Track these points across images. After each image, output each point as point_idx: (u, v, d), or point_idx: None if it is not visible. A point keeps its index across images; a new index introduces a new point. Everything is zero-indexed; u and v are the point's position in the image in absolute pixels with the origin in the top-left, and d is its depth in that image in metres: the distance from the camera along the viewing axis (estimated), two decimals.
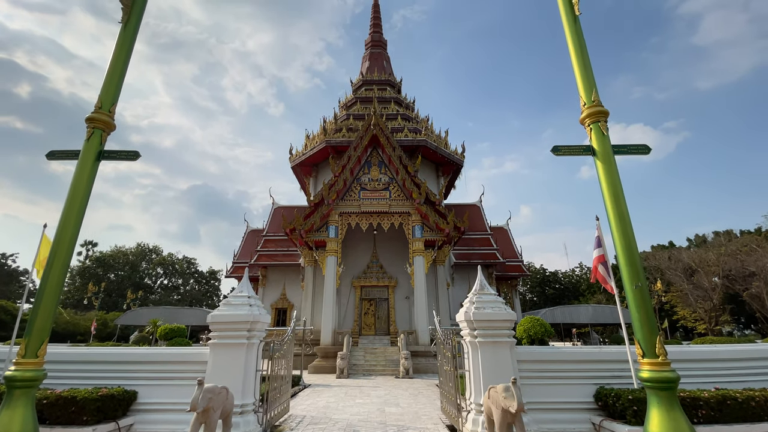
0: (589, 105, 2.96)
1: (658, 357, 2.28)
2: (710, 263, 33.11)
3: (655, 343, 2.29)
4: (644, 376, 2.33)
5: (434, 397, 9.35)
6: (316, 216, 18.85)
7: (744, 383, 5.31)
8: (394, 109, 25.69)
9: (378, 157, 20.34)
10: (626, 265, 2.53)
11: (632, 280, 2.47)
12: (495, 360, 5.46)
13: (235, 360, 5.60)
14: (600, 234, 6.03)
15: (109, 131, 3.22)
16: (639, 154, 2.94)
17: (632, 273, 2.49)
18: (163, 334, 9.87)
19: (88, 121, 3.17)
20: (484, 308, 5.72)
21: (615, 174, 2.67)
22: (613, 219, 2.63)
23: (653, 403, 2.27)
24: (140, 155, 3.26)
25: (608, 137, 2.86)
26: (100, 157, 3.15)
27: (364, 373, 15.35)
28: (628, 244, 2.53)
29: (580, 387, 5.66)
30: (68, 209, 2.90)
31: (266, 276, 24.99)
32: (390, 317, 20.39)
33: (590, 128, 2.92)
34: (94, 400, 4.81)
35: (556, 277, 57.59)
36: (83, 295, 35.17)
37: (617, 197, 2.65)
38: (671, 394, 2.22)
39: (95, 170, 3.10)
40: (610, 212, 2.65)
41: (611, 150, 2.80)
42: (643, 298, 2.43)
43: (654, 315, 2.40)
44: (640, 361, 2.41)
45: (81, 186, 2.98)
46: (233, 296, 6.14)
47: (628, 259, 2.51)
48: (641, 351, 2.35)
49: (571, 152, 2.95)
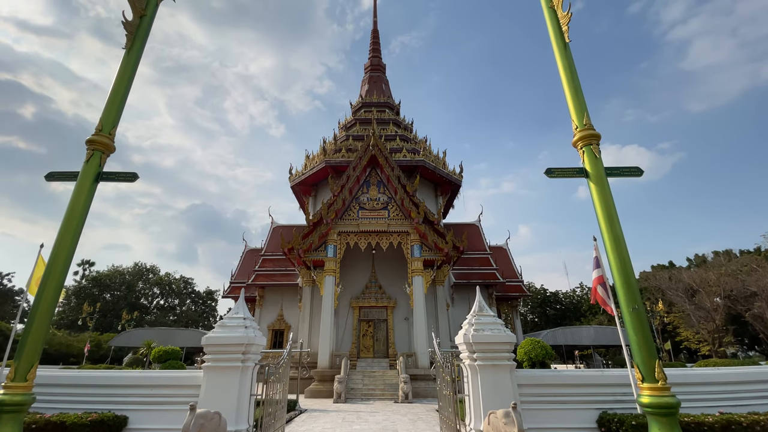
0: (581, 128, 3.02)
1: (658, 381, 2.24)
2: (711, 283, 32.90)
3: (654, 367, 2.26)
4: (644, 401, 2.28)
5: (434, 422, 9.08)
6: (315, 235, 18.83)
7: (748, 407, 5.18)
8: (393, 130, 26.10)
9: (377, 176, 20.52)
10: (622, 287, 2.52)
11: (629, 302, 2.45)
12: (495, 384, 5.35)
13: (229, 384, 5.47)
14: (598, 255, 6.02)
15: (109, 153, 3.27)
16: (631, 176, 2.97)
17: (629, 295, 2.47)
18: (156, 356, 9.66)
19: (89, 143, 3.22)
20: (483, 330, 5.64)
21: (608, 196, 2.70)
22: (608, 241, 2.64)
23: (654, 429, 2.22)
24: (138, 177, 3.30)
25: (600, 160, 2.91)
26: (98, 178, 3.18)
27: (362, 397, 14.96)
28: (623, 266, 2.53)
29: (583, 412, 5.52)
30: (64, 230, 2.90)
31: (263, 296, 24.71)
32: (389, 339, 20.05)
33: (583, 151, 2.97)
34: (83, 425, 4.68)
35: (556, 298, 57.03)
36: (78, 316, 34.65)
37: (611, 219, 2.67)
38: (672, 420, 2.17)
39: (93, 191, 3.13)
40: (605, 234, 2.66)
41: (604, 172, 2.84)
42: (640, 320, 2.41)
43: (652, 338, 2.37)
44: (639, 386, 2.36)
45: (78, 207, 3.00)
46: (228, 318, 6.05)
47: (624, 281, 2.51)
48: (641, 375, 2.31)
49: (565, 174, 2.98)
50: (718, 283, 32.28)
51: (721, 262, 36.35)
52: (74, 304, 46.03)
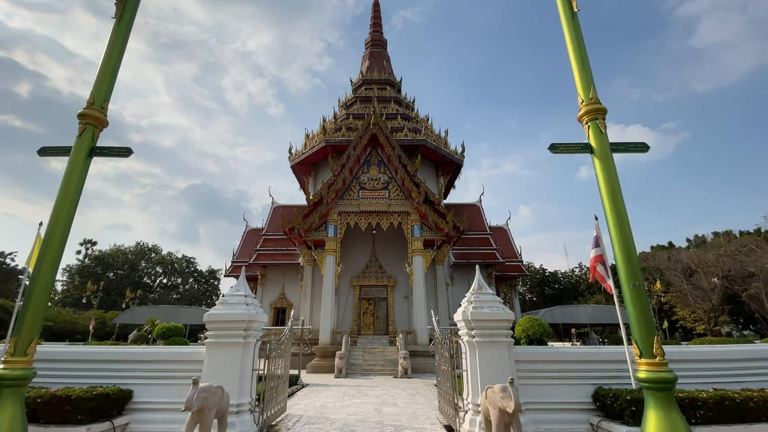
0: (587, 102, 2.92)
1: (656, 357, 2.25)
2: (709, 264, 33.10)
3: (652, 344, 2.26)
4: (641, 377, 2.30)
5: (432, 397, 9.32)
6: (315, 215, 18.82)
7: (742, 384, 5.28)
8: (394, 109, 25.66)
9: (377, 156, 20.31)
10: (624, 263, 2.49)
11: (630, 279, 2.43)
12: (492, 360, 5.43)
13: (232, 359, 5.56)
14: (598, 233, 6.00)
15: (102, 128, 3.18)
16: (637, 152, 2.89)
17: (630, 272, 2.45)
18: (160, 333, 9.83)
19: (80, 117, 3.13)
20: (482, 308, 5.69)
21: (613, 172, 2.63)
22: (611, 217, 2.59)
23: (650, 403, 2.24)
24: (132, 152, 3.23)
25: (606, 135, 2.82)
26: (92, 153, 3.11)
27: (362, 372, 15.32)
28: (625, 243, 2.50)
29: (578, 387, 5.63)
30: (59, 206, 2.86)
31: (265, 275, 24.96)
32: (389, 317, 20.36)
33: (588, 126, 2.88)
34: (88, 399, 4.78)
35: (555, 278, 57.60)
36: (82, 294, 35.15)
37: (615, 195, 2.61)
38: (668, 395, 2.19)
39: (87, 167, 3.06)
40: (608, 210, 2.61)
41: (609, 147, 2.76)
42: (640, 297, 2.40)
43: (651, 315, 2.36)
44: (637, 362, 2.38)
45: (72, 182, 2.94)
46: (230, 295, 6.10)
47: (625, 257, 2.48)
48: (639, 351, 2.32)
49: (569, 150, 2.91)
50: (717, 263, 32.47)
51: (720, 243, 36.44)
52: (78, 282, 46.63)
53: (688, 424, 2.14)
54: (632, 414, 4.74)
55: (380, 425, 6.32)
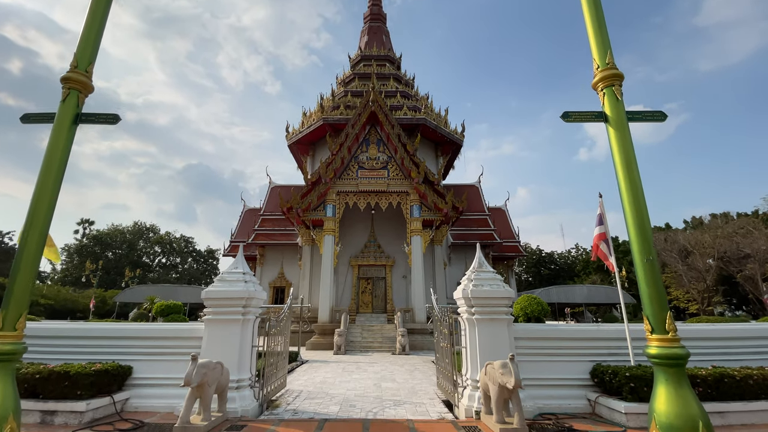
0: (602, 68, 2.75)
1: (668, 333, 2.18)
2: (706, 245, 33.32)
3: (665, 319, 2.19)
4: (652, 353, 2.23)
5: (430, 373, 9.44)
6: (314, 195, 18.66)
7: (741, 362, 5.31)
8: (393, 86, 25.07)
9: (376, 135, 19.98)
10: (637, 237, 2.39)
11: (643, 253, 2.34)
12: (492, 337, 5.43)
13: (231, 336, 5.54)
14: (602, 211, 5.90)
15: (87, 93, 2.99)
16: (654, 121, 2.75)
17: (643, 246, 2.35)
18: (159, 311, 9.84)
19: (63, 81, 2.94)
20: (482, 286, 5.64)
21: (628, 141, 2.50)
22: (625, 189, 2.47)
23: (661, 380, 2.19)
24: (120, 119, 3.05)
25: (622, 102, 2.66)
26: (77, 120, 2.94)
27: (361, 349, 15.54)
28: (639, 216, 2.39)
29: (577, 364, 5.66)
30: (44, 176, 2.71)
31: (264, 255, 24.98)
32: (387, 296, 20.52)
33: (603, 93, 2.72)
34: (87, 374, 4.76)
35: (551, 258, 58.11)
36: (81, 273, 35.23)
37: (630, 166, 2.49)
38: (680, 371, 2.14)
39: (72, 134, 2.89)
40: (622, 182, 2.49)
41: (625, 116, 2.61)
42: (653, 272, 2.31)
43: (664, 290, 2.29)
44: (648, 338, 2.31)
45: (57, 151, 2.79)
46: (227, 272, 6.03)
47: (639, 231, 2.38)
48: (650, 327, 2.25)
49: (582, 118, 2.75)
50: (713, 245, 32.68)
51: (718, 224, 36.58)
52: (77, 261, 46.70)
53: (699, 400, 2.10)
54: (631, 390, 4.78)
55: (379, 400, 6.39)
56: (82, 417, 4.57)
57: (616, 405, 4.79)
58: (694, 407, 2.00)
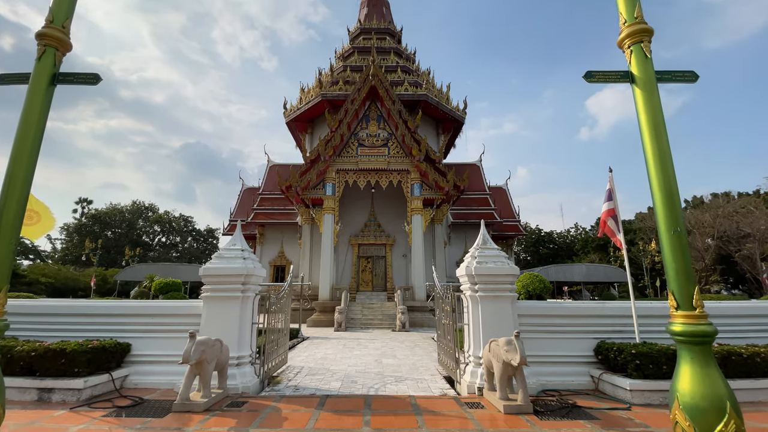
0: (630, 22, 2.49)
1: (695, 309, 2.05)
2: (705, 225, 33.29)
3: (692, 295, 2.05)
4: (677, 330, 2.10)
5: (430, 349, 9.48)
6: (313, 173, 18.37)
7: (747, 340, 5.25)
8: (394, 61, 24.32)
9: (377, 111, 19.49)
10: (664, 207, 2.21)
11: (670, 224, 2.17)
12: (496, 314, 5.35)
13: (230, 313, 5.45)
14: (612, 187, 5.71)
15: (65, 51, 2.74)
16: (685, 82, 2.53)
17: (671, 217, 2.18)
18: (158, 289, 9.78)
19: (39, 37, 2.67)
20: (486, 263, 5.52)
21: (657, 103, 2.29)
22: (651, 155, 2.28)
23: (685, 358, 2.07)
24: (101, 78, 2.80)
25: (651, 60, 2.43)
26: (54, 80, 2.69)
27: (361, 326, 15.66)
28: (667, 185, 2.21)
29: (581, 341, 5.61)
30: (20, 141, 2.50)
31: (263, 234, 24.90)
32: (387, 274, 20.57)
33: (630, 50, 2.47)
34: (83, 352, 4.68)
35: (550, 237, 58.27)
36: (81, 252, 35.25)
37: (658, 130, 2.28)
38: (706, 350, 2.02)
39: (50, 96, 2.66)
40: (649, 148, 2.29)
41: (654, 75, 2.39)
42: (681, 244, 2.15)
43: (691, 264, 2.15)
44: (672, 314, 2.17)
45: (34, 114, 2.56)
46: (226, 249, 5.88)
47: (667, 201, 2.20)
48: (675, 303, 2.11)
49: (606, 79, 2.52)
50: (713, 224, 32.65)
51: (719, 204, 36.43)
52: (77, 241, 46.70)
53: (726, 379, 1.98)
54: (636, 367, 4.72)
55: (381, 376, 6.38)
56: (80, 394, 4.52)
57: (620, 382, 4.75)
58: (722, 387, 1.89)
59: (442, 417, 4.14)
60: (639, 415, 4.18)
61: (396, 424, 3.90)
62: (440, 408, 4.48)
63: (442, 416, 4.17)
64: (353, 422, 3.94)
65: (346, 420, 4.01)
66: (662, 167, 2.25)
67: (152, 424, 3.82)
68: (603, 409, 4.41)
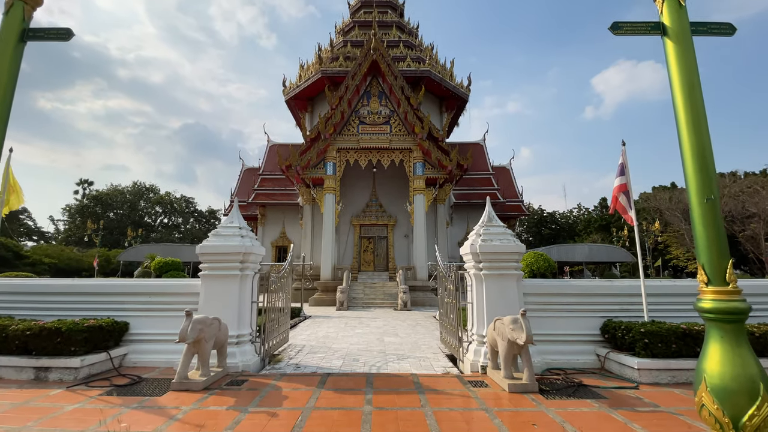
0: None
1: (728, 285, 1.87)
2: None
3: (725, 269, 1.87)
4: (706, 307, 1.93)
5: (432, 327, 9.45)
6: (313, 152, 18.04)
7: (758, 318, 5.12)
8: (396, 35, 23.53)
9: (378, 87, 18.96)
10: (697, 173, 2.00)
11: (703, 192, 1.96)
12: (501, 292, 5.21)
13: (229, 291, 5.34)
14: (625, 161, 5.46)
15: (34, 5, 2.48)
16: (721, 35, 2.27)
17: (704, 184, 1.97)
18: (157, 268, 9.72)
19: None
20: (491, 240, 5.34)
21: (691, 58, 2.05)
22: (684, 115, 2.05)
23: (715, 337, 1.90)
24: (73, 34, 2.55)
25: (686, 10, 2.17)
26: (24, 36, 2.45)
27: (363, 306, 15.70)
28: (701, 149, 1.99)
29: (587, 320, 5.49)
30: None
31: (265, 215, 24.75)
32: (389, 254, 20.53)
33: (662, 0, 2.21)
34: (80, 330, 4.59)
35: (553, 218, 58.06)
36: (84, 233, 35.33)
37: (692, 87, 2.04)
38: (739, 328, 1.86)
39: (20, 53, 2.42)
40: (681, 106, 2.05)
41: (689, 26, 2.13)
42: (714, 214, 1.95)
43: (725, 235, 1.96)
44: (702, 290, 1.99)
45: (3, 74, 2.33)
46: (223, 227, 5.72)
47: (700, 166, 1.98)
48: (705, 278, 1.93)
49: (635, 31, 2.26)
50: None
51: (725, 183, 35.88)
52: (79, 222, 46.81)
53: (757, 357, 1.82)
54: (644, 346, 4.61)
55: (383, 354, 6.32)
56: (77, 373, 4.45)
57: (628, 361, 4.64)
58: (754, 368, 1.73)
59: (445, 396, 4.06)
60: (647, 395, 4.09)
61: (398, 402, 3.82)
62: (443, 386, 4.40)
63: (445, 395, 4.09)
64: (355, 401, 3.85)
65: (348, 399, 3.93)
66: (696, 129, 2.02)
67: (149, 403, 3.75)
68: (610, 388, 4.31)
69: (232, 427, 3.18)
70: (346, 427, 3.18)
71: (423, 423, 3.28)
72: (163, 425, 3.20)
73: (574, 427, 3.22)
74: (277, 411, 3.57)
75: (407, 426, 3.22)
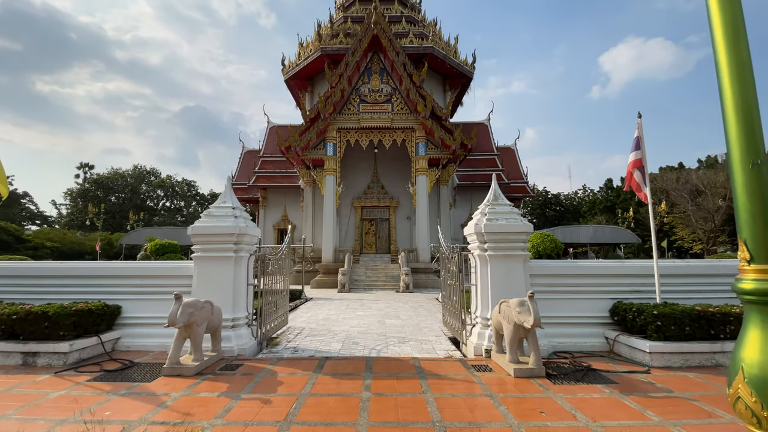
0: None
1: None
2: (718, 185, 32.32)
3: None
4: (748, 288, 1.68)
5: (434, 310, 9.32)
6: (313, 132, 17.61)
7: None
8: (398, 10, 22.63)
9: (379, 63, 18.34)
10: (741, 135, 1.72)
11: (748, 155, 1.69)
12: (506, 274, 4.99)
13: (223, 274, 5.15)
14: (640, 134, 5.12)
15: None
16: None
17: (749, 147, 1.69)
18: (154, 250, 9.57)
19: None
20: (497, 220, 5.08)
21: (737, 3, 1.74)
22: (727, 67, 1.74)
23: (755, 322, 1.66)
24: None
25: None
26: None
27: (364, 288, 15.62)
28: (746, 105, 1.70)
29: (596, 302, 5.28)
30: None
31: (266, 198, 24.52)
32: (391, 236, 20.34)
33: None
34: (68, 315, 4.42)
35: (557, 200, 57.54)
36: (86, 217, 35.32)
37: (737, 36, 1.74)
38: None
39: None
40: (723, 58, 1.75)
41: None
42: (760, 182, 1.67)
43: None
44: (743, 269, 1.74)
45: None
46: (215, 207, 5.48)
47: (745, 126, 1.70)
48: (748, 255, 1.68)
49: None
50: (726, 184, 31.66)
51: None
52: (81, 206, 46.82)
53: None
54: (657, 329, 4.40)
55: (383, 337, 6.18)
56: (66, 358, 4.30)
57: (639, 344, 4.44)
58: None
59: (447, 381, 3.89)
60: (660, 379, 3.90)
61: (398, 388, 3.64)
62: (445, 371, 4.22)
63: (448, 380, 3.91)
64: (353, 387, 3.69)
65: (345, 384, 3.77)
66: (740, 81, 1.72)
67: (138, 389, 3.59)
68: (620, 372, 4.13)
69: (221, 415, 3.01)
70: (342, 416, 3.01)
71: (424, 411, 3.11)
72: (150, 413, 3.04)
73: (585, 414, 3.03)
74: (270, 398, 3.41)
75: (407, 414, 3.04)
